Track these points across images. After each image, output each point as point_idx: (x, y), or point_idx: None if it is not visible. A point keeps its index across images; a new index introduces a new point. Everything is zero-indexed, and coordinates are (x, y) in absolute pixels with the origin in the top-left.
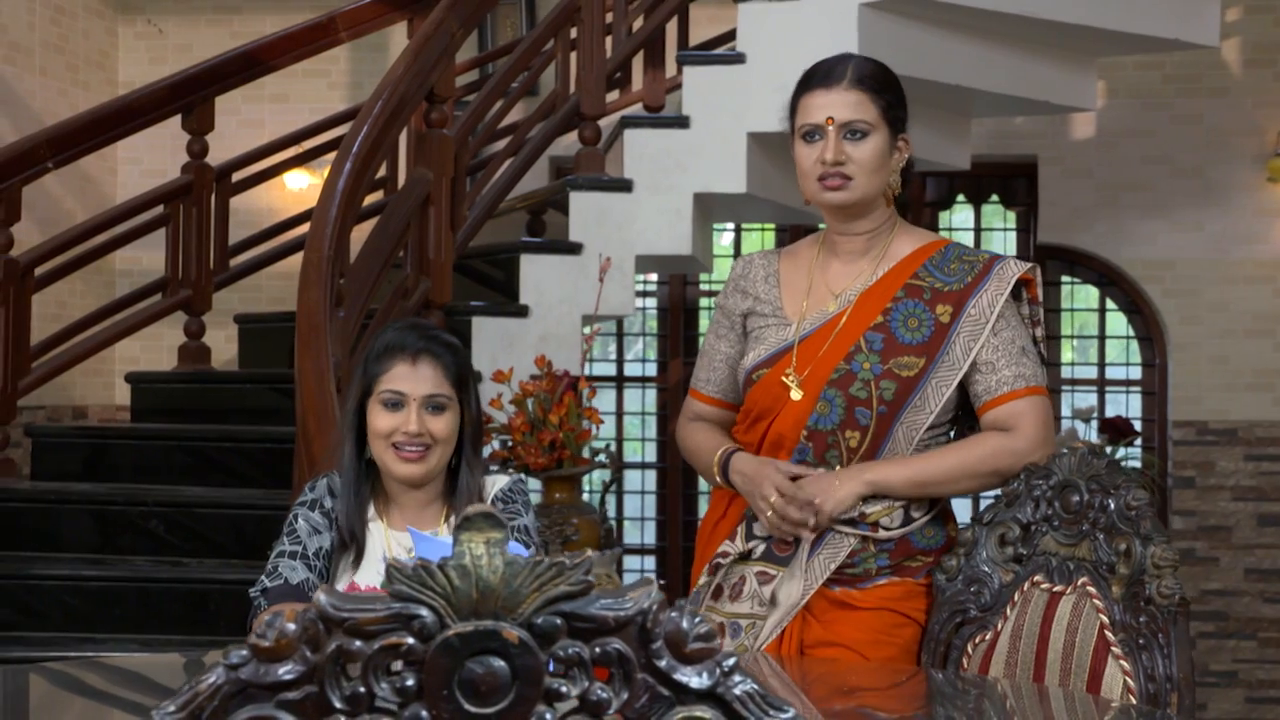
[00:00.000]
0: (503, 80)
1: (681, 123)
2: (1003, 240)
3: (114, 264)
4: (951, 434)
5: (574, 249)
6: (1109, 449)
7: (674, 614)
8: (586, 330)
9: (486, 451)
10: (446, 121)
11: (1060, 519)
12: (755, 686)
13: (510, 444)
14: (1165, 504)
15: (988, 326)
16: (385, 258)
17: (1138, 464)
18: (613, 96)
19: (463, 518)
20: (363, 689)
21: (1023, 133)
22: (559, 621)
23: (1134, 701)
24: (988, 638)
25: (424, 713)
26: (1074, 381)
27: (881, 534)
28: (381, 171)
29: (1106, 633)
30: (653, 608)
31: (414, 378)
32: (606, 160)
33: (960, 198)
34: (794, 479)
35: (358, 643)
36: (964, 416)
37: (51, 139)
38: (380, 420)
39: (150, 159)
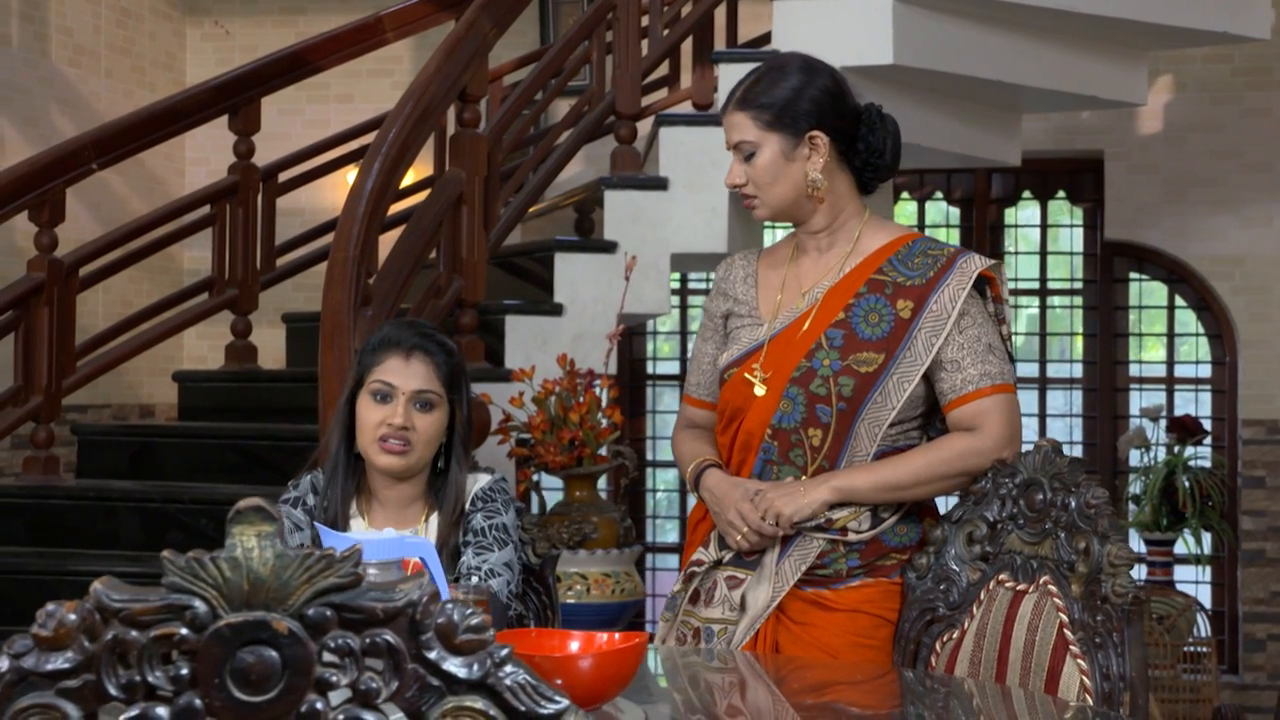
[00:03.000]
0: (537, 79)
1: (716, 120)
2: (1069, 237)
3: (181, 264)
4: (922, 431)
5: (608, 247)
6: (1178, 448)
7: (447, 606)
8: (649, 329)
9: (505, 449)
10: (479, 121)
11: (1025, 517)
12: (528, 677)
13: (530, 442)
14: (1235, 504)
15: (949, 322)
16: (416, 257)
17: (1207, 463)
18: (661, 95)
19: (234, 511)
20: (138, 678)
21: (1088, 128)
22: (329, 613)
23: (1090, 700)
24: (955, 636)
25: (197, 701)
26: (1142, 380)
27: (852, 537)
28: (429, 171)
29: (1066, 631)
30: (423, 599)
31: (405, 372)
32: (650, 159)
33: (1026, 194)
34: (757, 493)
35: (133, 632)
36: (934, 413)
37: (96, 141)
38: (369, 412)
39: (216, 159)
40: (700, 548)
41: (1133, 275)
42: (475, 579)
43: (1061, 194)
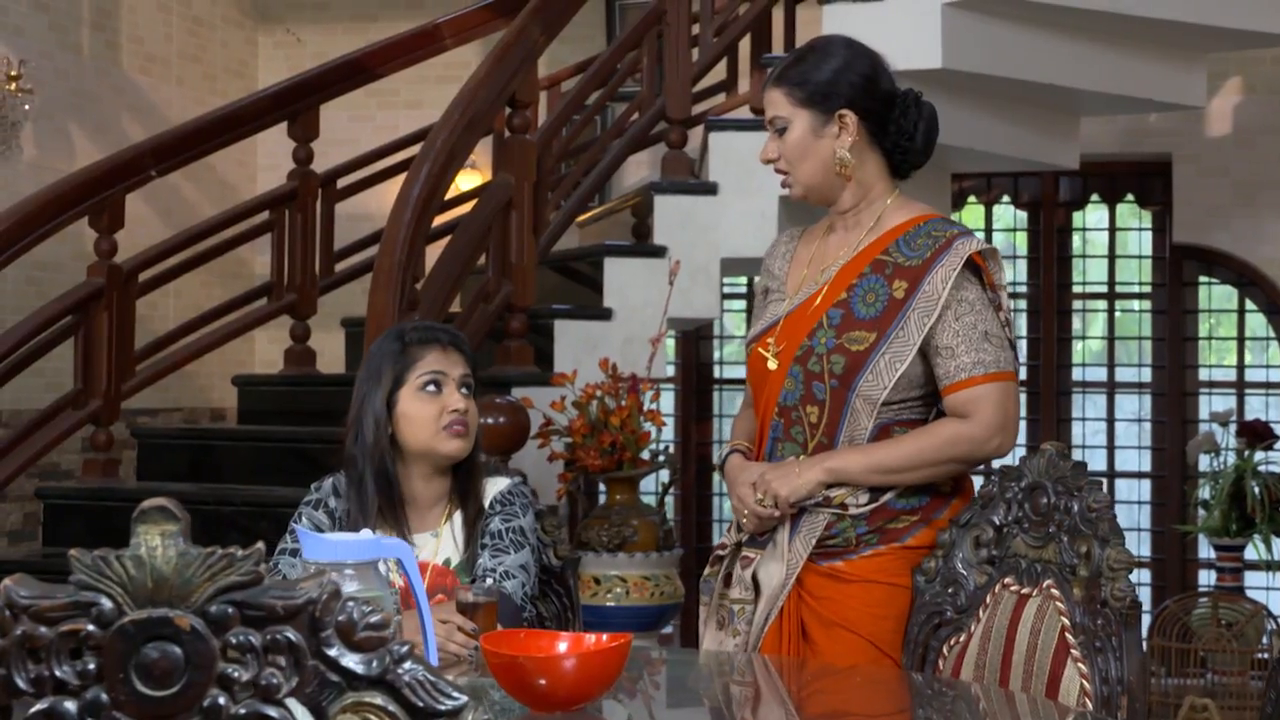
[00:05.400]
0: (587, 86)
1: (764, 125)
2: (1138, 240)
3: (253, 269)
4: (927, 408)
5: (657, 252)
6: (1247, 453)
7: (348, 604)
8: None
9: (545, 453)
10: (529, 127)
11: (1029, 521)
12: (426, 674)
13: (571, 446)
14: None
15: (939, 303)
16: (465, 262)
17: (1277, 469)
18: (718, 100)
19: (139, 510)
20: (47, 672)
21: (1156, 130)
22: (231, 610)
23: (1089, 704)
24: (962, 639)
25: (103, 695)
26: (1212, 384)
27: (853, 511)
28: (489, 175)
29: (1067, 635)
30: (323, 597)
31: (448, 360)
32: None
33: (1094, 197)
34: (760, 476)
35: (42, 628)
36: (938, 391)
37: (155, 148)
38: (425, 406)
39: (288, 165)
40: (725, 532)
41: (1202, 279)
42: (490, 580)
43: (1130, 197)
